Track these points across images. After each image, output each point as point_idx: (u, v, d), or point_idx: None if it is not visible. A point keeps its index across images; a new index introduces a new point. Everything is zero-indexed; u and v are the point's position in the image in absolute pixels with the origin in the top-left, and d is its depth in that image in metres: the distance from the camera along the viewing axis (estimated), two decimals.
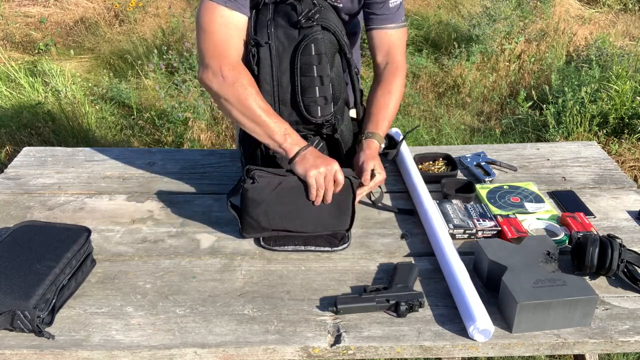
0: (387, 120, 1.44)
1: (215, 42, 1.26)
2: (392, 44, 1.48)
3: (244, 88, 1.24)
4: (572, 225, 1.34)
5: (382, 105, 1.45)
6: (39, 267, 1.10)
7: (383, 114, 1.44)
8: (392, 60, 1.48)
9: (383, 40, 1.48)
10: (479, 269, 1.21)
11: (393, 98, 1.45)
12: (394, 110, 1.46)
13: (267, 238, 1.32)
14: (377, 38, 1.48)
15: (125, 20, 4.91)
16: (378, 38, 1.48)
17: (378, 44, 1.48)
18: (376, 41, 1.48)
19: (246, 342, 1.06)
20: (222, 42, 1.26)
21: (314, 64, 1.27)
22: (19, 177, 1.60)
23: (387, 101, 1.45)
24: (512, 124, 3.58)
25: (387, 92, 1.45)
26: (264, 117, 1.25)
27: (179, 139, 3.33)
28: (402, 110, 3.75)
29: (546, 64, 4.18)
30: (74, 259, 1.16)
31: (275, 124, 1.26)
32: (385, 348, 1.06)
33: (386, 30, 1.46)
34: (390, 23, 1.46)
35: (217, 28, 1.26)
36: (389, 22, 1.45)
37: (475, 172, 1.60)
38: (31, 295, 1.05)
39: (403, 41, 1.50)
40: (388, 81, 1.47)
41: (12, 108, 3.62)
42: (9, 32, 4.81)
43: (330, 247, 1.30)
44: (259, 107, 1.25)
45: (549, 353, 1.09)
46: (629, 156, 3.10)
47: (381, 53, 1.49)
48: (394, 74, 1.47)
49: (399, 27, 1.48)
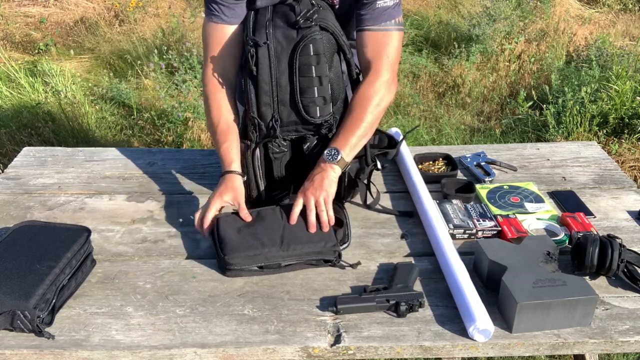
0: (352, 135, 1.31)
1: (204, 51, 1.42)
2: (374, 48, 1.36)
3: (205, 97, 1.41)
4: (572, 225, 1.34)
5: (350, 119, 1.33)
6: (39, 267, 1.10)
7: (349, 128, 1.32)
8: (373, 68, 1.36)
9: (365, 42, 1.37)
10: (479, 269, 1.21)
11: (364, 110, 1.32)
12: (353, 124, 1.32)
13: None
14: (360, 40, 1.38)
15: (125, 20, 4.91)
16: (361, 40, 1.38)
17: (361, 47, 1.38)
18: (359, 44, 1.39)
19: (246, 342, 1.06)
20: (206, 53, 1.41)
21: (313, 64, 1.27)
22: (19, 177, 1.60)
23: (357, 114, 1.33)
24: (512, 124, 3.58)
25: (358, 103, 1.34)
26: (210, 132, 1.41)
27: (179, 139, 3.33)
28: (402, 110, 3.75)
29: (546, 64, 4.18)
30: (74, 259, 1.16)
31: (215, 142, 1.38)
32: (385, 348, 1.06)
33: (369, 31, 1.36)
34: (375, 24, 1.35)
35: (205, 39, 1.41)
36: (373, 22, 1.35)
37: (475, 172, 1.60)
38: (31, 295, 1.05)
39: (389, 46, 1.36)
40: (362, 91, 1.36)
41: (12, 108, 3.62)
42: (9, 32, 4.81)
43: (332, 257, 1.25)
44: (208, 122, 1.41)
45: (549, 353, 1.09)
46: (629, 156, 3.10)
47: (363, 56, 1.38)
48: (370, 83, 1.35)
49: (386, 30, 1.36)
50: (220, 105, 1.39)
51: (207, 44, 1.41)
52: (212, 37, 1.39)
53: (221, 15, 1.36)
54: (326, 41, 1.29)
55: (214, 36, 1.39)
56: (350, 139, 1.32)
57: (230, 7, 1.35)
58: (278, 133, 1.34)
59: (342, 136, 1.32)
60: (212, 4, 1.36)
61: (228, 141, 1.35)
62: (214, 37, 1.39)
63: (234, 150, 1.35)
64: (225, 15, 1.36)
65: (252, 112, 1.32)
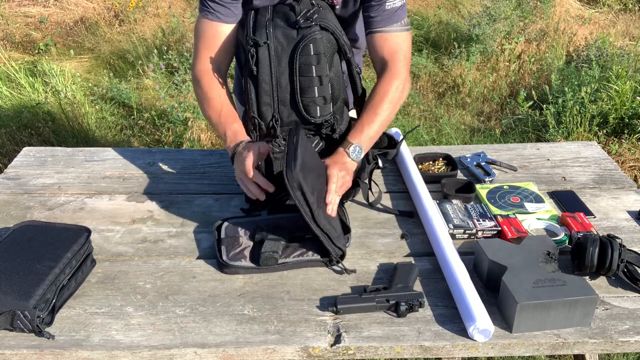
0: (372, 130, 1.35)
1: (196, 47, 1.42)
2: (389, 49, 1.39)
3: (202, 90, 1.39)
4: (572, 225, 1.34)
5: (368, 115, 1.36)
6: (39, 267, 1.10)
7: (368, 125, 1.35)
8: (390, 67, 1.39)
9: (380, 44, 1.40)
10: (479, 269, 1.21)
11: (384, 107, 1.35)
12: (382, 120, 1.36)
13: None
14: (373, 42, 1.40)
15: (125, 20, 4.91)
16: (375, 42, 1.40)
17: (375, 48, 1.41)
18: (373, 45, 1.41)
19: (246, 342, 1.06)
20: (198, 48, 1.41)
21: (313, 64, 1.27)
22: (19, 177, 1.60)
23: (376, 111, 1.35)
24: (512, 124, 3.58)
25: (378, 102, 1.36)
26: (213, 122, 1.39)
27: (179, 139, 3.33)
28: (402, 110, 3.75)
29: (546, 64, 4.18)
30: (74, 259, 1.16)
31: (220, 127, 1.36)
32: (385, 348, 1.06)
33: (382, 33, 1.38)
34: (387, 26, 1.38)
35: (198, 35, 1.41)
36: (385, 24, 1.38)
37: (475, 172, 1.60)
38: (31, 295, 1.05)
39: (403, 46, 1.40)
40: (382, 89, 1.37)
41: (12, 108, 3.62)
42: (9, 32, 4.81)
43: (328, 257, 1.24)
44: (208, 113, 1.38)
45: (549, 353, 1.09)
46: (629, 156, 3.10)
47: (378, 58, 1.41)
48: (389, 82, 1.38)
49: (398, 31, 1.39)
50: (220, 94, 1.38)
51: (199, 39, 1.40)
52: (205, 33, 1.39)
53: (216, 14, 1.36)
54: (326, 41, 1.29)
55: (207, 32, 1.39)
56: (372, 137, 1.36)
57: (226, 7, 1.35)
58: (278, 133, 1.34)
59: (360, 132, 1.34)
60: (208, 1, 1.36)
61: (238, 122, 1.36)
62: (207, 33, 1.39)
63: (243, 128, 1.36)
64: (220, 13, 1.36)
65: (252, 112, 1.32)
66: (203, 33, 1.39)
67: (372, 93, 1.39)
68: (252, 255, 1.24)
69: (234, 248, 1.26)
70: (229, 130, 1.33)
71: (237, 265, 1.22)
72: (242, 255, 1.24)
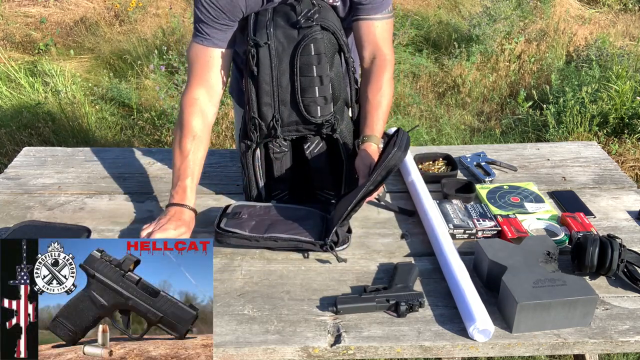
0: (381, 120, 1.41)
1: (189, 74, 1.40)
2: (378, 36, 1.43)
3: (180, 123, 1.38)
4: (572, 225, 1.34)
5: (375, 105, 1.41)
6: None
7: (377, 114, 1.40)
8: (379, 54, 1.43)
9: (369, 31, 1.42)
10: (479, 269, 1.21)
11: (385, 95, 1.41)
12: (387, 108, 1.43)
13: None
14: (362, 29, 1.42)
15: (126, 20, 4.91)
16: (363, 29, 1.42)
17: (364, 35, 1.43)
18: (362, 32, 1.43)
19: (246, 342, 1.06)
20: (192, 76, 1.39)
21: (314, 64, 1.27)
22: (19, 177, 1.60)
23: (379, 100, 1.41)
24: (512, 124, 3.58)
25: (377, 90, 1.41)
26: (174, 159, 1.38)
27: None
28: (402, 110, 3.75)
29: (546, 64, 4.18)
30: None
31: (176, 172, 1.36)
32: (385, 348, 1.06)
33: (372, 20, 1.41)
34: (376, 13, 1.40)
35: (192, 61, 1.39)
36: (374, 12, 1.40)
37: (475, 172, 1.60)
38: None
39: (389, 33, 1.46)
40: (377, 78, 1.42)
41: (12, 108, 3.62)
42: (9, 32, 4.81)
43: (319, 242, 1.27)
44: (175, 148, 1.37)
45: (549, 353, 1.09)
46: (629, 156, 3.10)
47: (368, 46, 1.44)
48: (382, 68, 1.43)
49: (385, 19, 1.43)
50: (194, 137, 1.36)
51: (193, 65, 1.38)
52: (199, 60, 1.37)
53: (212, 40, 1.35)
54: (327, 41, 1.29)
55: (201, 58, 1.37)
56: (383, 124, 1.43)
57: (222, 31, 1.34)
58: (279, 133, 1.34)
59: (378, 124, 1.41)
60: (202, 26, 1.34)
61: (191, 178, 1.35)
62: (201, 59, 1.37)
63: (194, 188, 1.36)
64: (216, 38, 1.35)
65: (253, 112, 1.32)
66: (197, 60, 1.37)
67: (368, 80, 1.43)
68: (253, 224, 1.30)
69: (234, 220, 1.32)
70: (180, 184, 1.34)
71: (232, 231, 1.27)
72: (239, 226, 1.29)
